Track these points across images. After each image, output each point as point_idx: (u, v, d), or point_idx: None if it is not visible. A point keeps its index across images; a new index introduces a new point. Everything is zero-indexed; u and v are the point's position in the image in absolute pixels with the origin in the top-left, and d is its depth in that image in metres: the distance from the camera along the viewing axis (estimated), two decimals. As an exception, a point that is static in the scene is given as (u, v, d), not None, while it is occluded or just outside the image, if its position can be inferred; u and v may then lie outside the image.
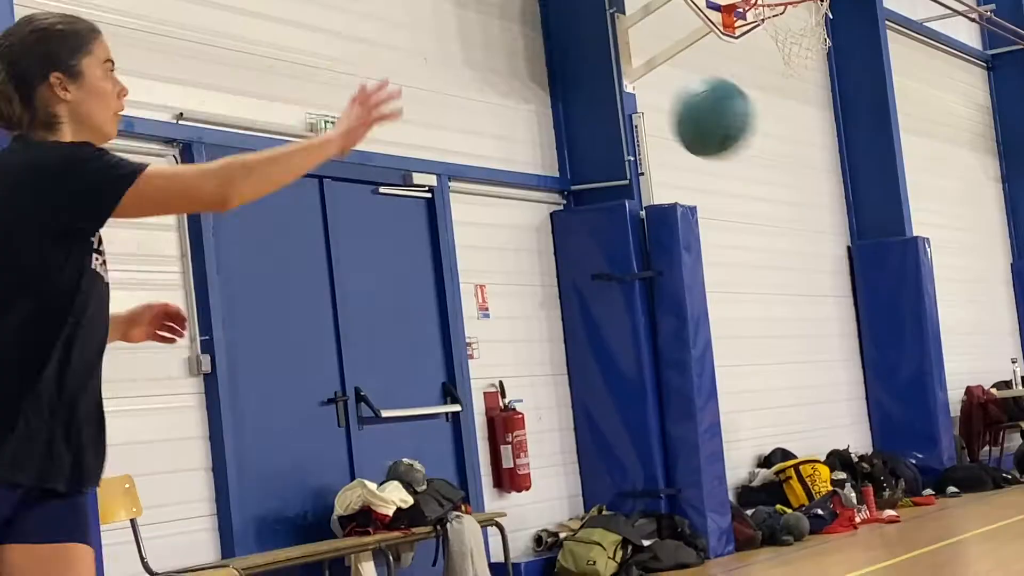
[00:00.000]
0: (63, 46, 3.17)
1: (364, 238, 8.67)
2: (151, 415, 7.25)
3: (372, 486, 7.91)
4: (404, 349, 8.86)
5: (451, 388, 9.07)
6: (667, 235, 10.13)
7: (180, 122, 7.55)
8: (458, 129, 9.55)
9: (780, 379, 12.48)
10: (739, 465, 11.58)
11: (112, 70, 3.23)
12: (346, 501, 7.87)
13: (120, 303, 3.47)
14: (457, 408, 9.07)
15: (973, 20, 17.01)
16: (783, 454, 11.96)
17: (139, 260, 7.27)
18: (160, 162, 7.47)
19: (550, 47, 10.40)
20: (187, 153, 7.52)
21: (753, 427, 11.89)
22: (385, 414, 8.46)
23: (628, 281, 10.03)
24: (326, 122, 8.38)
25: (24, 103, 3.15)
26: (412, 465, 8.25)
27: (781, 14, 10.50)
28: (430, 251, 9.16)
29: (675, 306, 10.08)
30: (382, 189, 8.84)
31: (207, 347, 7.48)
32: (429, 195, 9.14)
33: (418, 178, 9.02)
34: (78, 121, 3.17)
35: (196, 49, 7.74)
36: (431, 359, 9.06)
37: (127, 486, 6.80)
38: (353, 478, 8.13)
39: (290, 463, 7.94)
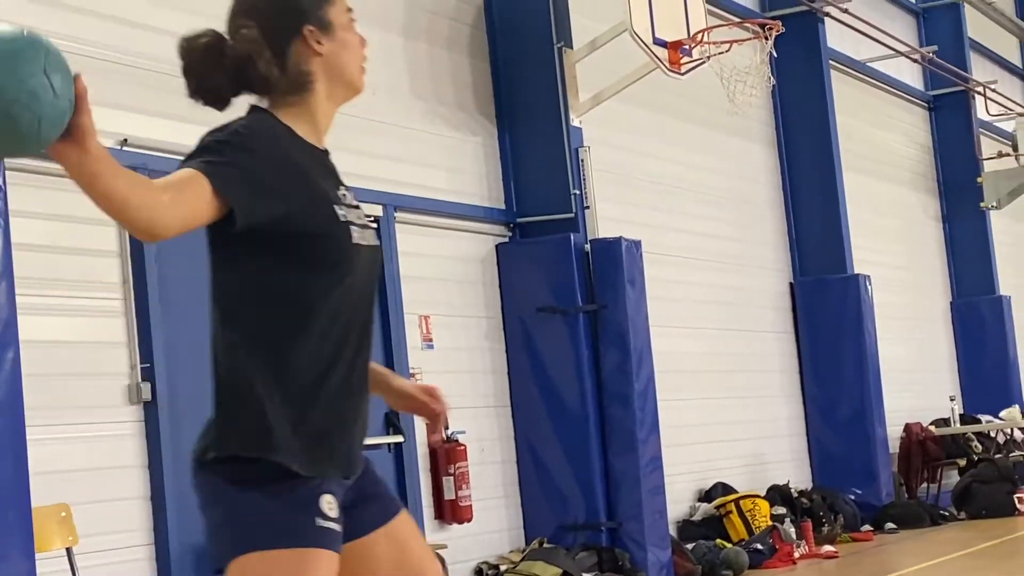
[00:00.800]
0: None
1: (308, 267, 8.64)
2: (90, 443, 7.18)
3: (313, 517, 7.85)
4: (347, 379, 8.81)
5: (394, 418, 9.04)
6: (612, 269, 10.17)
7: (125, 148, 7.50)
8: (405, 160, 9.55)
9: (722, 413, 12.54)
10: (680, 499, 11.61)
11: (354, 19, 3.02)
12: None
13: (60, 330, 3.45)
14: (399, 439, 9.04)
15: (915, 61, 17.23)
16: (724, 488, 12.00)
17: (80, 286, 7.21)
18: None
19: (498, 80, 10.44)
20: (131, 179, 7.47)
21: (694, 461, 11.93)
22: (327, 444, 8.41)
23: (572, 314, 10.06)
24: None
25: (277, 62, 2.92)
26: (353, 496, 8.20)
27: (726, 52, 10.59)
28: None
29: (619, 339, 10.11)
30: (327, 218, 8.81)
31: (147, 375, 7.42)
32: (375, 225, 9.11)
33: (364, 208, 8.99)
34: (332, 77, 3.00)
35: (142, 75, 7.71)
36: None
37: (63, 514, 6.72)
38: (293, 508, 8.06)
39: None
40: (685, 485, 11.78)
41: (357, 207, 3.08)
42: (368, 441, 8.41)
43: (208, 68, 2.95)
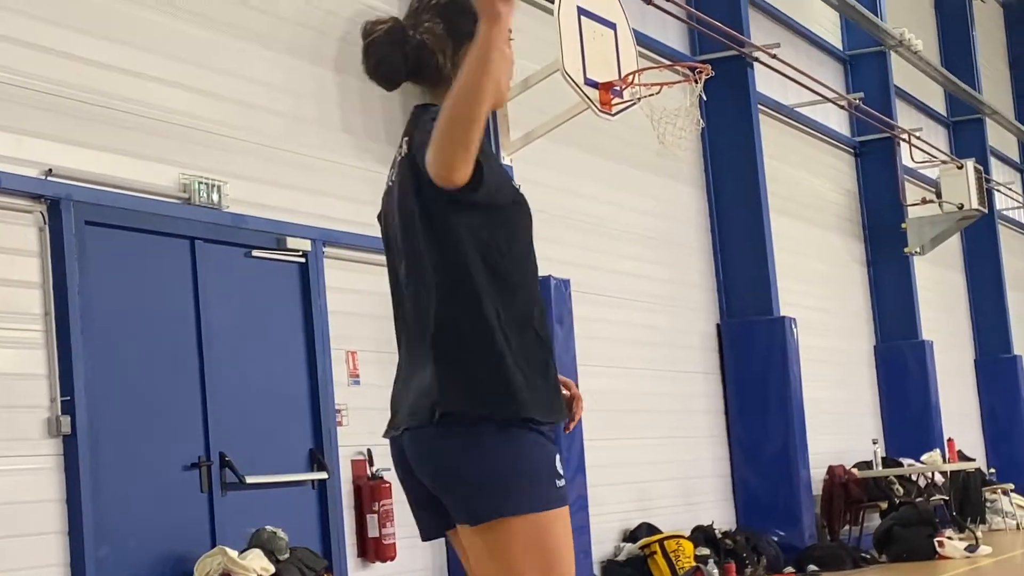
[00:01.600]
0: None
1: (235, 301, 8.57)
2: (7, 476, 7.05)
3: (233, 554, 7.77)
4: (272, 414, 8.74)
5: (318, 455, 8.96)
6: (540, 307, 10.14)
7: (49, 178, 7.41)
8: (334, 194, 9.51)
9: (648, 454, 12.55)
10: (605, 539, 11.59)
11: (512, 37, 3.29)
12: (206, 569, 7.70)
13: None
14: (324, 476, 8.96)
15: (842, 107, 17.44)
16: (649, 529, 12.01)
17: (1, 317, 7.10)
18: (26, 219, 7.34)
19: (429, 116, 10.42)
20: (55, 210, 7.38)
21: (619, 501, 11.92)
22: (250, 480, 8.33)
23: (500, 352, 10.02)
24: (199, 183, 8.29)
25: (453, 59, 3.23)
26: (275, 533, 8.12)
27: (657, 94, 10.66)
28: (302, 316, 9.07)
29: (546, 378, 10.08)
30: (255, 252, 8.75)
31: (67, 408, 7.30)
32: (303, 259, 9.08)
33: (292, 242, 8.95)
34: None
35: (68, 105, 7.63)
36: (299, 425, 8.95)
37: (-21, 549, 6.60)
38: (214, 545, 7.97)
39: (150, 528, 7.76)
40: (610, 525, 11.77)
41: None
42: (291, 478, 8.22)
43: (389, 51, 3.28)
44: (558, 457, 3.19)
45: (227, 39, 8.75)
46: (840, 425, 16.22)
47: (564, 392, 3.45)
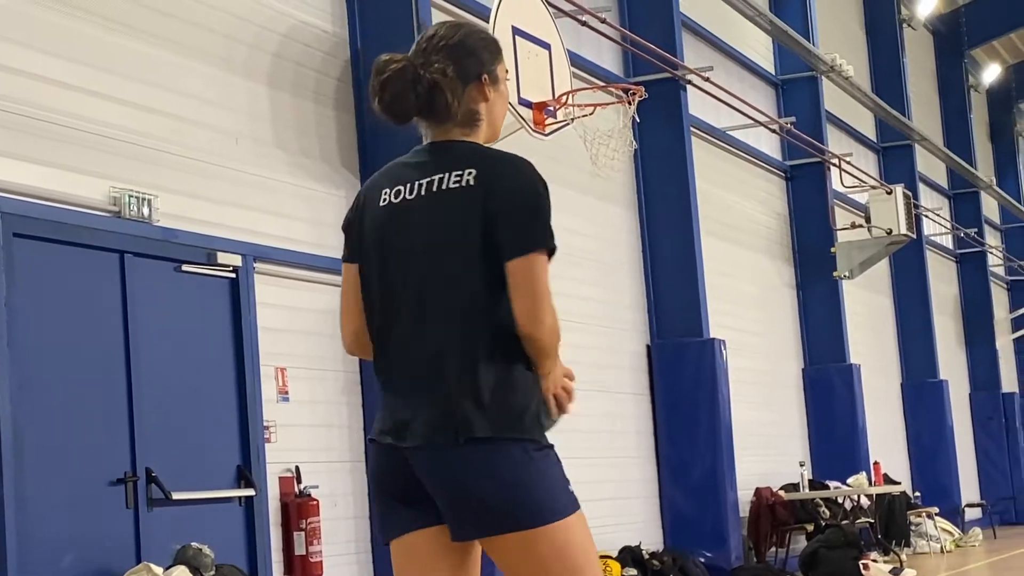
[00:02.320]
0: (490, 51, 3.62)
1: (164, 316, 8.51)
2: (-72, 490, 6.96)
3: (158, 570, 7.70)
4: (199, 430, 8.68)
5: (246, 472, 8.91)
6: (471, 326, 10.15)
7: (-19, 189, 7.34)
8: (267, 210, 9.48)
9: (576, 473, 12.48)
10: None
11: (508, 77, 3.64)
12: (131, 585, 7.64)
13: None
14: (251, 492, 8.91)
15: (774, 131, 17.60)
16: (577, 549, 12.01)
17: (-75, 328, 7.02)
18: (-46, 228, 7.25)
19: (363, 134, 10.42)
20: (-17, 220, 7.30)
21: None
22: (176, 496, 8.27)
23: (430, 370, 10.00)
24: (130, 197, 8.23)
25: (458, 99, 3.54)
26: (201, 550, 8.06)
27: (590, 115, 10.71)
28: (232, 331, 9.02)
29: (476, 397, 10.08)
30: (185, 267, 8.70)
31: (-7, 421, 7.22)
32: (234, 275, 9.03)
33: (223, 257, 8.90)
34: (489, 121, 3.63)
35: (16, 120, 7.55)
36: (227, 441, 8.90)
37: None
38: (139, 561, 7.90)
39: (75, 543, 7.68)
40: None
41: None
42: (218, 494, 8.17)
43: (402, 88, 3.54)
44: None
45: (160, 52, 8.71)
46: (768, 447, 16.34)
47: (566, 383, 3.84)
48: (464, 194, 3.51)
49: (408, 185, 3.61)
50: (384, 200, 3.63)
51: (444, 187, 3.54)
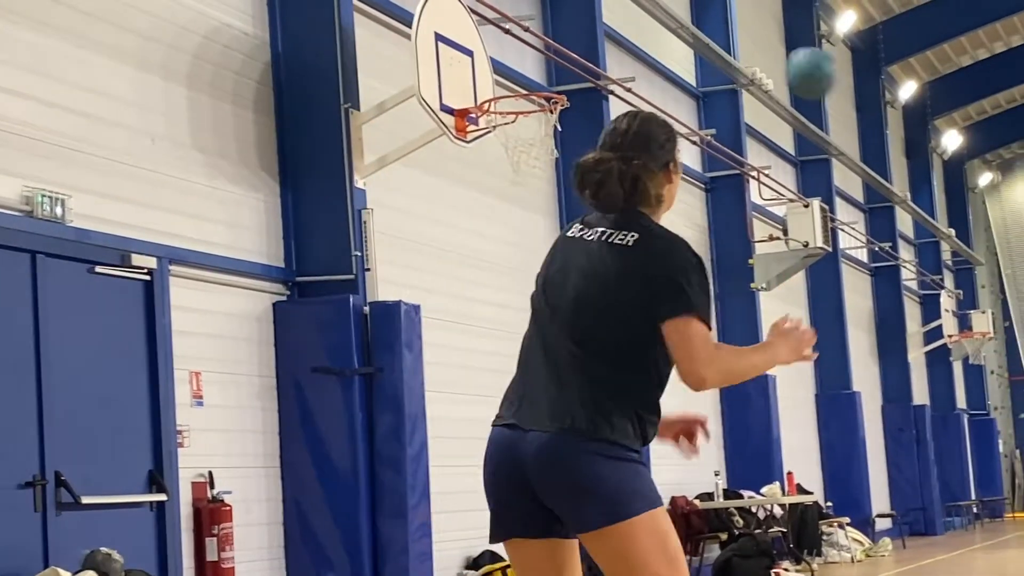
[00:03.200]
0: (672, 139, 4.19)
1: (76, 317, 8.38)
2: None
3: (66, 575, 7.58)
4: (111, 434, 8.56)
5: (158, 476, 8.80)
6: (390, 332, 10.12)
7: None
8: (183, 212, 9.37)
9: (479, 483, 12.52)
10: (448, 566, 11.56)
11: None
12: (37, 591, 7.51)
13: None
14: (163, 497, 8.80)
15: (694, 143, 17.71)
16: (492, 556, 12.01)
17: None
18: None
19: (283, 137, 10.35)
20: None
21: (463, 528, 11.90)
22: (86, 500, 8.14)
23: (347, 376, 9.96)
24: (43, 196, 8.11)
25: (658, 184, 4.12)
26: (110, 555, 7.95)
27: (512, 122, 10.70)
28: (145, 334, 8.91)
29: (393, 403, 10.05)
30: (98, 268, 8.58)
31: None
32: (148, 277, 8.92)
33: (137, 259, 8.79)
34: (668, 202, 4.21)
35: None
36: (139, 445, 8.78)
37: None
38: (47, 566, 7.78)
39: (-20, 549, 7.55)
40: (453, 552, 11.75)
41: None
42: (129, 499, 8.09)
43: (611, 183, 4.09)
44: None
45: (75, 50, 8.58)
46: (683, 457, 16.39)
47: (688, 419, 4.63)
48: (627, 252, 4.11)
49: (592, 230, 4.23)
50: (571, 233, 4.35)
51: (613, 241, 4.14)
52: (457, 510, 11.70)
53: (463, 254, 12.58)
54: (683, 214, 17.86)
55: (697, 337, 3.96)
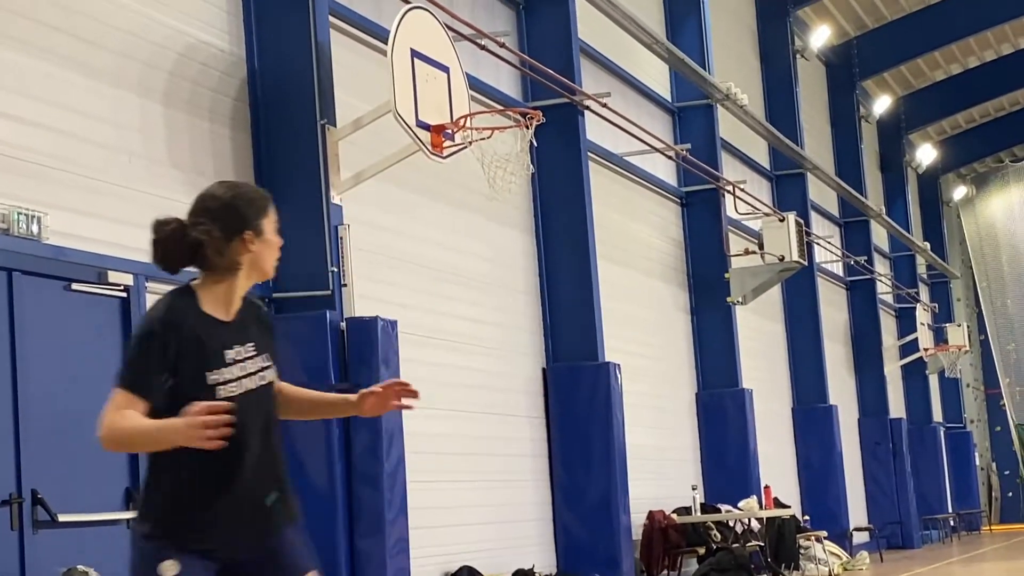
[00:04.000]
0: (254, 210, 4.30)
1: (53, 335, 8.37)
2: None
3: (44, 594, 7.56)
4: (88, 451, 8.51)
5: (135, 493, 8.78)
6: (366, 348, 10.13)
7: None
8: (159, 229, 9.35)
9: (471, 496, 12.56)
10: (426, 582, 11.56)
11: (278, 228, 4.33)
12: (14, 609, 7.49)
13: None
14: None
15: (670, 158, 17.77)
16: (470, 572, 12.00)
17: None
18: None
19: (259, 153, 10.36)
20: None
21: (441, 544, 11.90)
22: (63, 518, 8.12)
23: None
24: (19, 214, 8.10)
25: (221, 251, 4.21)
26: (87, 573, 7.93)
27: (488, 138, 10.74)
28: (122, 351, 8.89)
29: (370, 420, 10.05)
30: (75, 286, 8.57)
31: None
32: (125, 294, 8.91)
33: (114, 276, 8.78)
34: (253, 267, 4.28)
35: None
36: (116, 463, 8.76)
37: None
38: (24, 585, 7.75)
39: (-44, 567, 7.52)
40: (431, 568, 11.74)
41: (254, 355, 4.29)
42: (107, 516, 8.05)
43: (172, 246, 4.28)
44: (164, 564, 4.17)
45: (50, 67, 8.58)
46: (661, 471, 16.44)
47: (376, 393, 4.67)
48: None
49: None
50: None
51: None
52: (434, 526, 11.71)
53: (439, 269, 12.59)
54: (659, 228, 17.92)
55: (110, 402, 4.16)
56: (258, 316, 4.41)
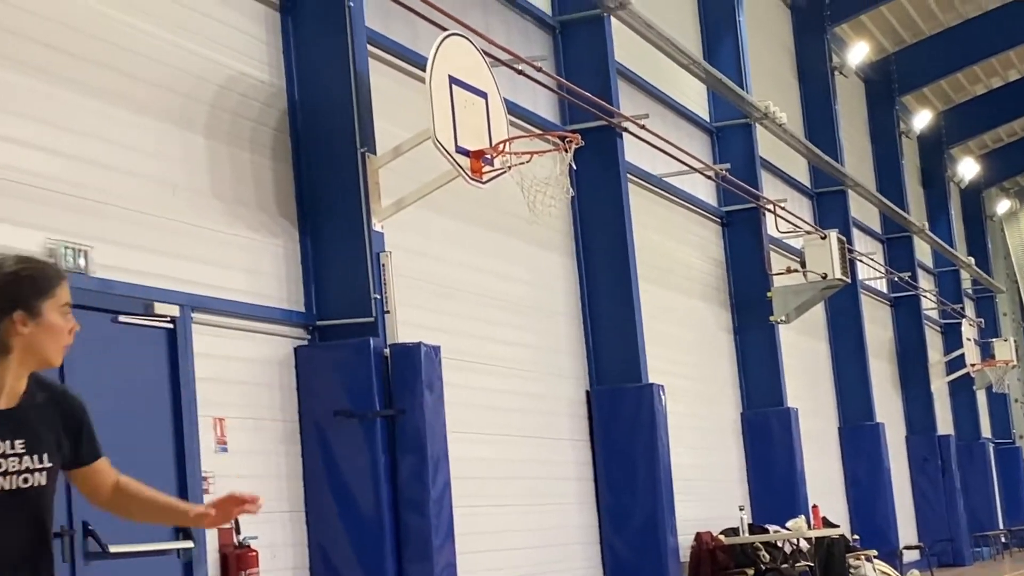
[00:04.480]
0: (30, 289, 3.80)
1: (101, 367, 8.44)
2: None
3: (96, 624, 7.62)
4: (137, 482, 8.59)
5: (184, 524, 8.83)
6: (410, 374, 10.16)
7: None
8: (204, 260, 9.45)
9: (517, 520, 12.56)
10: (474, 607, 11.56)
11: (68, 311, 3.88)
12: (67, 640, 7.54)
13: None
14: (189, 544, 8.83)
15: (709, 178, 17.76)
16: (518, 596, 12.00)
17: None
18: None
19: (300, 182, 10.43)
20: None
21: (489, 568, 11.90)
22: (114, 549, 8.18)
23: (370, 419, 10.00)
24: (66, 248, 8.19)
25: None
26: (139, 603, 7.98)
27: (527, 162, 10.78)
28: (169, 382, 8.97)
29: (416, 445, 10.08)
30: (122, 318, 8.65)
31: (-74, 475, 7.12)
32: (171, 325, 8.99)
33: (160, 308, 8.86)
34: (27, 351, 3.82)
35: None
36: (165, 492, 8.81)
37: None
38: (76, 616, 7.81)
39: (9, 599, 7.58)
40: (479, 593, 11.74)
41: (21, 454, 3.82)
42: (156, 547, 8.10)
43: None
44: None
45: (95, 103, 8.68)
46: (707, 492, 16.39)
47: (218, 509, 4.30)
48: None
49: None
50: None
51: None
52: (482, 550, 11.71)
53: (481, 294, 12.63)
54: (699, 248, 17.90)
55: None
56: (55, 405, 3.97)
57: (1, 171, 7.91)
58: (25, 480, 3.80)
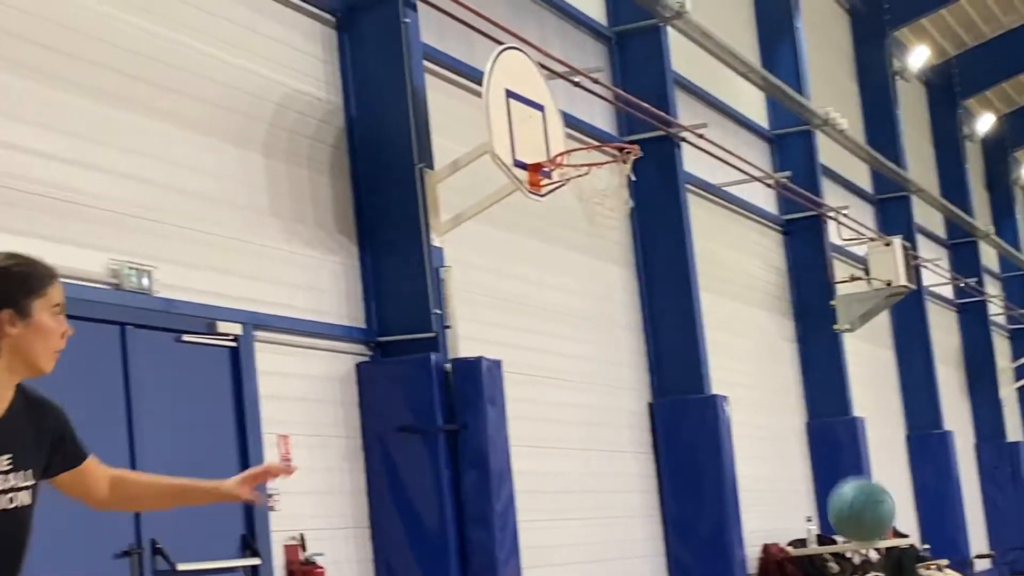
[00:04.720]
0: (20, 287, 3.52)
1: (165, 386, 8.51)
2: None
3: (164, 643, 7.66)
4: (202, 500, 8.64)
5: (251, 540, 8.88)
6: (472, 388, 10.16)
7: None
8: (264, 278, 9.50)
9: (581, 534, 12.52)
10: (540, 621, 11.52)
11: (60, 312, 3.60)
12: (136, 658, 7.58)
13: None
14: (257, 561, 8.87)
15: (770, 186, 17.66)
16: (584, 610, 11.96)
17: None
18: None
19: (359, 199, 10.47)
20: (-18, 295, 7.30)
21: (555, 582, 11.87)
22: (181, 567, 8.23)
23: (432, 434, 10.01)
24: (129, 268, 8.25)
25: None
26: (206, 620, 8.02)
27: (585, 174, 10.76)
28: (233, 400, 9.02)
29: (479, 460, 10.07)
30: (185, 337, 8.71)
31: (-6, 496, 7.19)
32: (234, 344, 9.04)
33: (223, 326, 8.92)
34: (16, 354, 3.52)
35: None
36: (231, 510, 8.86)
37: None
38: (144, 634, 7.86)
39: (78, 618, 7.64)
40: (545, 606, 11.71)
41: (8, 471, 3.55)
42: (224, 564, 8.14)
43: None
44: None
45: (154, 124, 8.76)
46: (774, 502, 16.27)
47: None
48: None
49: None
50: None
51: None
52: (547, 564, 11.68)
53: (541, 307, 12.61)
54: (761, 257, 17.80)
55: None
56: (38, 413, 3.67)
57: (64, 193, 7.99)
58: (11, 500, 3.54)
